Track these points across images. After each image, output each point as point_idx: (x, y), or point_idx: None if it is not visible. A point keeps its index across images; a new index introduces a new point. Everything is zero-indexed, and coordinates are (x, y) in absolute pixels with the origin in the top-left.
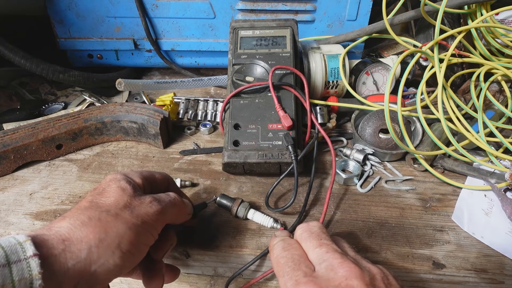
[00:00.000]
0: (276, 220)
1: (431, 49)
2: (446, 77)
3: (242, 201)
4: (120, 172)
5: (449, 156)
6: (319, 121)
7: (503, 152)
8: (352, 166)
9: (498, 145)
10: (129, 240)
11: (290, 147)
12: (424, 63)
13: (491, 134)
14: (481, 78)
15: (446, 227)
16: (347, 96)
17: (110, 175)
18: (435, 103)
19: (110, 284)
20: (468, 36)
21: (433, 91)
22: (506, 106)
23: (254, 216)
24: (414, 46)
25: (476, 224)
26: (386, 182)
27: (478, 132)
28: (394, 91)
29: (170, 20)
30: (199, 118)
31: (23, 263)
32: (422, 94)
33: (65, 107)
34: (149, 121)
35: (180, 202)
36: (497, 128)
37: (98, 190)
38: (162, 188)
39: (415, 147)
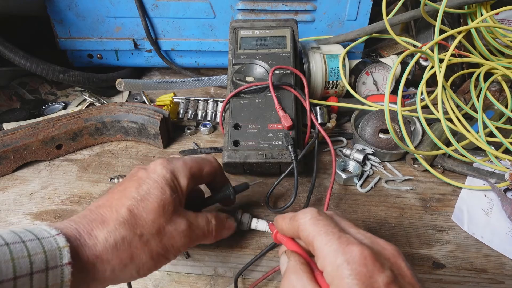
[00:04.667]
0: None
1: (431, 49)
2: (446, 77)
3: (242, 212)
4: (169, 164)
5: (449, 156)
6: (319, 121)
7: (503, 152)
8: (352, 166)
9: (498, 145)
10: (148, 268)
11: (290, 147)
12: (424, 63)
13: (491, 134)
14: (481, 78)
15: (446, 227)
16: (347, 96)
17: (158, 167)
18: (435, 103)
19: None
20: (468, 36)
21: (433, 91)
22: (506, 106)
23: (258, 225)
24: (414, 46)
25: (476, 224)
26: (386, 182)
27: (478, 132)
28: (394, 91)
29: (170, 20)
30: (199, 118)
31: (58, 269)
32: (422, 94)
33: (65, 107)
34: (149, 121)
35: (212, 233)
36: (497, 128)
37: (141, 191)
38: (206, 181)
39: (415, 147)
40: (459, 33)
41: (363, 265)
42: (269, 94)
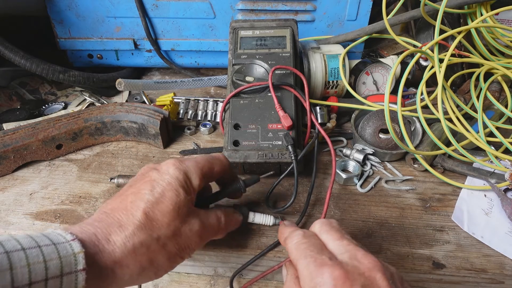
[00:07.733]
0: (276, 217)
1: (431, 49)
2: (446, 77)
3: (238, 207)
4: (181, 165)
5: (449, 156)
6: (319, 121)
7: (503, 152)
8: (352, 166)
9: (498, 145)
10: (164, 269)
11: (290, 147)
12: (424, 63)
13: (491, 134)
14: (481, 78)
15: (446, 227)
16: (347, 96)
17: (171, 168)
18: (435, 103)
19: None
20: (468, 36)
21: (433, 91)
22: (506, 106)
23: (255, 218)
24: (414, 46)
25: (476, 224)
26: (386, 182)
27: (478, 132)
28: (394, 91)
29: (170, 20)
30: (199, 118)
31: (73, 275)
32: (422, 94)
33: (65, 107)
34: (149, 121)
35: (224, 229)
36: (497, 128)
37: (155, 193)
38: (217, 178)
39: (415, 147)
40: (459, 33)
41: (333, 286)
42: (269, 94)
